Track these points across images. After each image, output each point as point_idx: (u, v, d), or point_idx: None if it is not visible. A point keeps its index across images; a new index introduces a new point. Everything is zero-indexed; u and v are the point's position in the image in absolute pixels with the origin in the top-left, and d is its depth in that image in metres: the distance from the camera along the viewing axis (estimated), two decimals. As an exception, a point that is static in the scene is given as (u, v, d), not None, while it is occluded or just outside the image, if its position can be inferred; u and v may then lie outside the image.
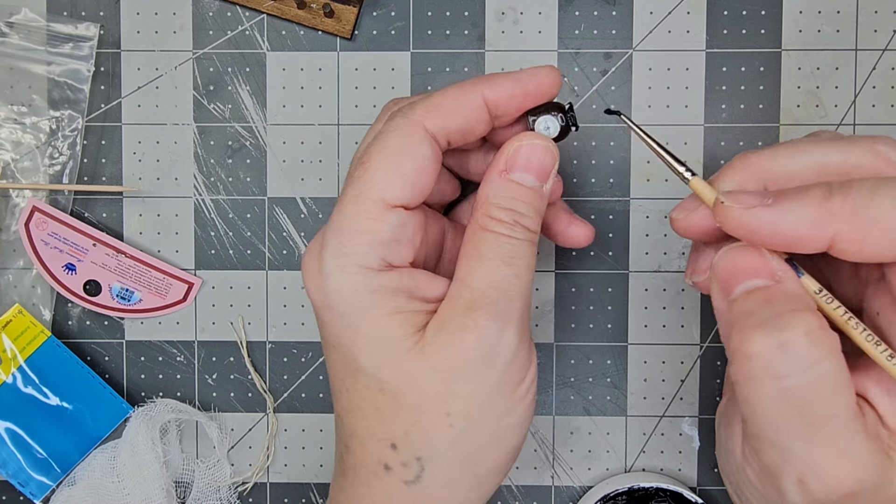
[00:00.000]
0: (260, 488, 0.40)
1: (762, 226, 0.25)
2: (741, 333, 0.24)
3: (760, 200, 0.25)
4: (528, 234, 0.28)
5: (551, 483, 0.40)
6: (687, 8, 0.38)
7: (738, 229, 0.25)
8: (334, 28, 0.39)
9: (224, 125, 0.39)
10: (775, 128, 0.38)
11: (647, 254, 0.39)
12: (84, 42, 0.39)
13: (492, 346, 0.27)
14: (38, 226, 0.39)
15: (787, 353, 0.23)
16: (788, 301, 0.24)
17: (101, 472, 0.39)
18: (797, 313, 0.24)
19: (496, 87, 0.28)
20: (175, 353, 0.40)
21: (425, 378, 0.27)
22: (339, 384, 0.29)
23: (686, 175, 0.27)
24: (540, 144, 0.29)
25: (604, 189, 0.39)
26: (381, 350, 0.27)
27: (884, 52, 0.38)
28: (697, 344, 0.39)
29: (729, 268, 0.26)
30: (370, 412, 0.28)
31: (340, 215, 0.28)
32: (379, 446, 0.28)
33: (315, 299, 0.28)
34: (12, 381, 0.39)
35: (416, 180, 0.28)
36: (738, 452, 0.28)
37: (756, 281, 0.25)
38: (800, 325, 0.23)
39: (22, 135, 0.39)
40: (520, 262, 0.28)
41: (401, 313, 0.27)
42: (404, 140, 0.28)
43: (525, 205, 0.28)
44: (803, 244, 0.25)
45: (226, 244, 0.40)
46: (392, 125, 0.28)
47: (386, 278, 0.27)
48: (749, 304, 0.25)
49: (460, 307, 0.27)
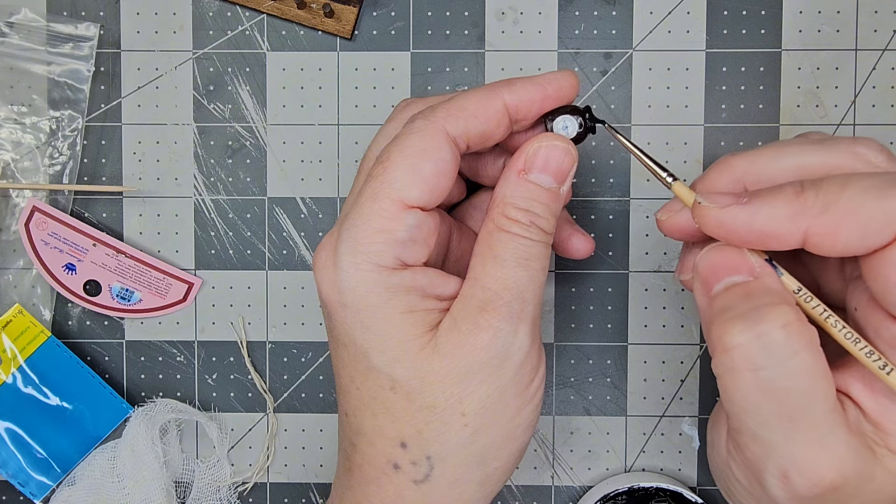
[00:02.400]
0: (260, 488, 0.40)
1: (737, 223, 0.25)
2: (721, 327, 0.25)
3: (735, 199, 0.26)
4: (544, 235, 0.29)
5: (551, 483, 0.40)
6: (687, 8, 0.38)
7: (715, 228, 0.26)
8: (334, 28, 0.39)
9: (224, 125, 0.39)
10: (775, 128, 0.38)
11: (647, 254, 0.39)
12: (84, 42, 0.39)
13: (505, 347, 0.28)
14: (38, 226, 0.39)
15: (765, 345, 0.24)
16: (766, 295, 0.25)
17: (101, 472, 0.39)
18: (774, 306, 0.24)
19: (517, 91, 0.28)
20: (175, 353, 0.40)
21: (439, 377, 0.28)
22: (348, 383, 0.29)
23: (667, 179, 0.28)
24: (560, 146, 0.29)
25: (604, 189, 0.39)
26: (394, 348, 0.28)
27: (884, 52, 0.38)
28: (697, 344, 0.39)
29: (709, 265, 0.26)
30: (380, 411, 0.28)
31: (357, 213, 0.28)
32: (388, 445, 0.28)
33: (327, 296, 0.28)
34: (12, 381, 0.39)
35: (435, 183, 0.28)
36: (723, 449, 0.28)
37: (735, 277, 0.26)
38: (777, 318, 0.24)
39: (22, 135, 0.39)
40: (534, 263, 0.28)
41: (414, 312, 0.28)
42: (425, 142, 0.27)
43: (542, 206, 0.28)
44: (778, 240, 0.25)
45: (226, 244, 0.40)
46: (413, 127, 0.28)
47: (401, 277, 0.27)
48: (728, 299, 0.25)
49: (474, 307, 0.28)
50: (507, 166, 0.29)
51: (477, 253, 0.29)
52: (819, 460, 0.24)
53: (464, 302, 0.28)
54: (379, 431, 0.28)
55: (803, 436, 0.24)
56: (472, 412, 0.28)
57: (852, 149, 0.26)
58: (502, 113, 0.28)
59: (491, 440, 0.28)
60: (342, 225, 0.28)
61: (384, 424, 0.28)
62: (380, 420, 0.28)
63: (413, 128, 0.28)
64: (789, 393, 0.24)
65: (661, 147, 0.39)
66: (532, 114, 0.29)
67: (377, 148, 0.31)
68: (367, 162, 0.31)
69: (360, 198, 0.28)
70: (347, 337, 0.28)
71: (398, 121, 0.31)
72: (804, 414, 0.24)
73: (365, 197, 0.28)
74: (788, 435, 0.24)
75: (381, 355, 0.28)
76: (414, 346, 0.27)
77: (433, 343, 0.28)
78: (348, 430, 0.30)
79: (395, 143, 0.28)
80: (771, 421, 0.24)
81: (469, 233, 0.34)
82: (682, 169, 0.39)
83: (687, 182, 0.29)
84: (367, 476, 0.29)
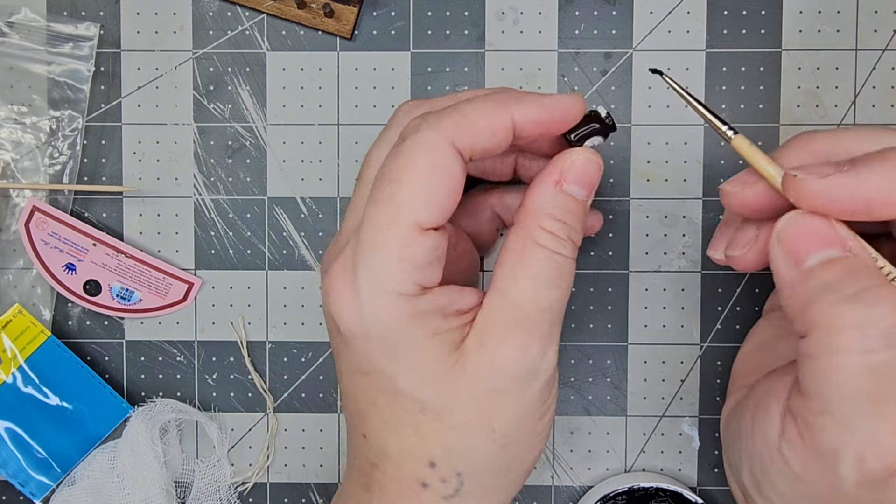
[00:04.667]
0: (260, 488, 0.40)
1: (842, 193, 0.24)
2: (829, 307, 0.24)
3: (836, 168, 0.25)
4: (575, 251, 0.29)
5: (551, 483, 0.40)
6: (687, 8, 0.38)
7: (813, 199, 0.25)
8: (334, 28, 0.39)
9: (224, 125, 0.39)
10: (775, 128, 0.38)
11: (647, 254, 0.39)
12: (84, 42, 0.39)
13: (534, 366, 0.28)
14: (38, 226, 0.39)
15: (882, 330, 0.23)
16: (871, 275, 0.24)
17: (101, 472, 0.39)
18: (881, 288, 0.24)
19: (524, 109, 0.28)
20: (175, 352, 0.40)
21: (469, 397, 0.27)
22: (368, 407, 0.29)
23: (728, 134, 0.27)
24: (594, 161, 0.29)
25: (604, 189, 0.39)
26: (422, 372, 0.27)
27: (884, 52, 0.38)
28: (697, 344, 0.39)
29: (798, 235, 0.25)
30: (408, 433, 0.28)
31: (373, 240, 0.27)
32: (417, 465, 0.28)
33: (348, 328, 0.28)
34: (12, 381, 0.39)
35: (447, 203, 0.27)
36: (774, 437, 0.27)
37: (831, 251, 0.25)
38: (888, 301, 0.23)
39: (22, 135, 0.39)
40: (565, 282, 0.28)
41: (439, 334, 0.27)
42: (436, 158, 0.27)
43: (575, 219, 0.28)
44: (890, 207, 0.24)
45: (226, 244, 0.40)
46: (421, 139, 0.27)
47: (423, 302, 0.27)
48: (829, 276, 0.24)
49: (502, 323, 0.27)
50: (541, 176, 0.29)
51: (505, 264, 0.28)
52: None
53: (491, 317, 0.28)
54: (407, 453, 0.28)
55: (889, 419, 0.24)
56: (501, 428, 0.28)
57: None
58: (510, 130, 0.28)
59: (517, 450, 0.29)
60: (357, 252, 0.27)
61: (412, 445, 0.28)
62: (407, 442, 0.28)
63: (421, 140, 0.27)
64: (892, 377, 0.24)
65: (661, 147, 0.39)
66: (535, 135, 0.29)
67: (379, 155, 0.30)
68: (369, 168, 0.30)
69: (374, 220, 0.27)
70: (371, 366, 0.28)
71: (399, 126, 0.30)
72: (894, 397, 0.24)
73: (380, 222, 0.27)
74: (876, 418, 0.24)
75: (410, 381, 0.27)
76: (442, 368, 0.27)
77: (461, 363, 0.27)
78: (367, 451, 0.30)
79: (405, 159, 0.27)
80: (863, 403, 0.24)
81: (461, 234, 0.34)
82: (682, 169, 0.39)
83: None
84: (392, 495, 0.29)
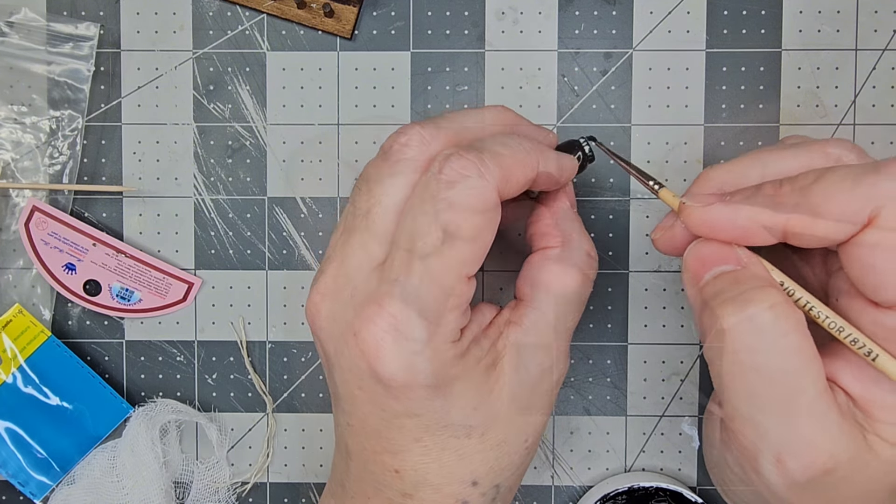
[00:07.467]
0: (260, 488, 0.40)
1: (722, 220, 0.27)
2: (713, 311, 0.26)
3: (719, 198, 0.27)
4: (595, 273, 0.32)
5: (551, 483, 0.40)
6: (687, 8, 0.38)
7: (700, 225, 0.27)
8: (334, 28, 0.39)
9: (224, 125, 0.39)
10: (775, 128, 0.38)
11: (647, 254, 0.39)
12: (84, 42, 0.39)
13: (556, 382, 0.31)
14: (38, 225, 0.39)
15: (756, 326, 0.25)
16: (754, 280, 0.26)
17: (101, 472, 0.39)
18: (762, 289, 0.25)
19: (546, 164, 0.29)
20: (175, 353, 0.40)
21: (509, 416, 0.29)
22: (412, 444, 0.29)
23: (654, 187, 0.30)
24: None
25: (604, 189, 0.39)
26: (469, 400, 0.28)
27: (884, 52, 0.38)
28: (697, 344, 0.39)
29: (698, 257, 0.28)
30: (451, 459, 0.29)
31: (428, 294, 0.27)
32: (459, 486, 0.29)
33: (401, 379, 0.27)
34: (12, 381, 0.39)
35: (488, 250, 0.28)
36: (717, 440, 0.29)
37: (724, 266, 0.27)
38: (764, 299, 0.25)
39: (22, 135, 0.39)
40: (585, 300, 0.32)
41: (481, 362, 0.29)
42: (489, 210, 0.27)
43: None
44: (760, 234, 0.26)
45: (226, 244, 0.40)
46: (473, 190, 0.27)
47: (465, 341, 0.28)
48: (717, 286, 0.26)
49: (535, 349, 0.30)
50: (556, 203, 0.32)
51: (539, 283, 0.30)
52: (813, 442, 0.25)
53: (527, 337, 0.29)
54: (448, 476, 0.29)
55: (796, 419, 0.25)
56: (532, 439, 0.30)
57: (824, 150, 0.28)
58: (531, 182, 0.29)
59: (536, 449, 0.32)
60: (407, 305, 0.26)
61: (454, 469, 0.29)
62: (449, 467, 0.29)
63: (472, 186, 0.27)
64: (781, 374, 0.25)
65: (661, 147, 0.39)
66: (541, 188, 0.31)
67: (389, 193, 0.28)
68: (361, 195, 0.29)
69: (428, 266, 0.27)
70: (423, 408, 0.28)
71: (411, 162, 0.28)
72: (796, 396, 0.25)
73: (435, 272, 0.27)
74: (781, 418, 0.25)
75: (460, 412, 0.28)
76: (486, 391, 0.29)
77: (500, 384, 0.29)
78: (399, 485, 0.29)
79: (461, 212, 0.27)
80: (765, 404, 0.25)
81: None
82: (682, 169, 0.39)
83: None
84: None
